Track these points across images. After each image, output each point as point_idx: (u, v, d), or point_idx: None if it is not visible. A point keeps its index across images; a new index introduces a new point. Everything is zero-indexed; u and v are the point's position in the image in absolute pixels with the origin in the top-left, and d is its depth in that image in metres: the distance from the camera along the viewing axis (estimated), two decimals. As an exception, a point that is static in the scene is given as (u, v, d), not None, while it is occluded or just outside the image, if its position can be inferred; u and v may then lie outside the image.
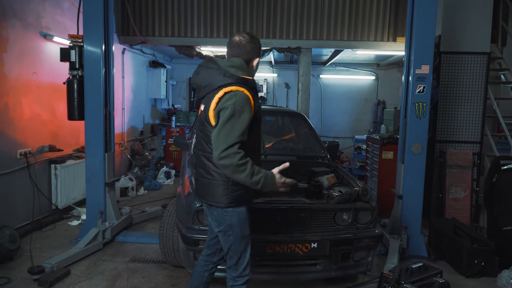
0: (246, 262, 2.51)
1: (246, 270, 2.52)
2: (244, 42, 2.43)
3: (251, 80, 2.41)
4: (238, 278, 2.52)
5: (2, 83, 4.36)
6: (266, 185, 2.28)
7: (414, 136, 4.31)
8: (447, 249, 4.30)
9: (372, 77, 10.24)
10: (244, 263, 2.51)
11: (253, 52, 2.47)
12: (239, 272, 2.51)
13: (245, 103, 2.26)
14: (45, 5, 5.09)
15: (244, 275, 2.52)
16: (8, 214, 4.45)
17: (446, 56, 5.40)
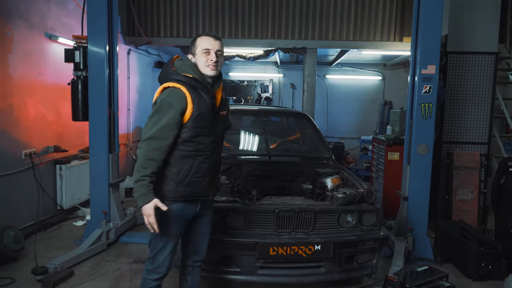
0: (162, 260, 2.51)
1: (162, 268, 2.52)
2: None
3: (192, 78, 2.38)
4: (151, 272, 2.54)
5: (7, 83, 4.38)
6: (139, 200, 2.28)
7: (420, 137, 4.26)
8: (453, 252, 4.24)
9: (378, 77, 10.16)
10: (160, 260, 2.51)
11: (191, 50, 2.47)
12: (154, 267, 2.53)
13: (175, 100, 2.31)
14: (50, 6, 5.10)
15: (159, 272, 2.53)
16: (13, 215, 4.47)
17: (453, 56, 5.33)
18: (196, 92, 2.38)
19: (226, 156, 4.22)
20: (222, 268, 3.20)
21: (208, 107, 2.40)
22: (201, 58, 2.40)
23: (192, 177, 2.40)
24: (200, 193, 2.47)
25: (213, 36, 2.43)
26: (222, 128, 2.60)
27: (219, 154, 2.64)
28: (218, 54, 2.40)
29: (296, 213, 3.18)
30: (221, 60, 2.45)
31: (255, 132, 4.73)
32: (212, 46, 2.39)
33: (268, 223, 3.18)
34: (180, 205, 2.43)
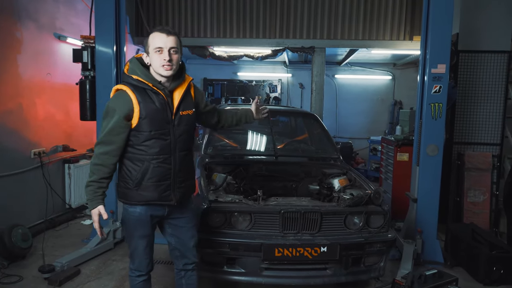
0: (139, 259, 2.51)
1: (142, 266, 2.53)
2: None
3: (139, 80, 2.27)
4: (134, 270, 2.55)
5: (16, 84, 4.42)
6: (89, 204, 2.31)
7: (430, 137, 4.19)
8: (464, 255, 4.16)
9: (388, 77, 10.06)
10: (137, 259, 2.51)
11: (145, 49, 2.33)
12: (135, 266, 2.54)
13: (118, 105, 2.24)
14: (59, 6, 5.14)
15: (140, 269, 2.53)
16: (22, 213, 4.51)
17: (464, 55, 5.24)
18: (144, 94, 2.27)
19: (232, 156, 4.22)
20: (227, 269, 3.17)
21: (157, 109, 2.28)
22: (154, 57, 2.25)
23: (147, 182, 2.32)
24: (159, 198, 2.36)
25: (166, 32, 2.25)
26: (186, 129, 2.42)
27: (185, 157, 2.45)
28: (172, 52, 2.24)
29: (302, 214, 3.14)
30: (176, 58, 2.27)
31: (262, 132, 4.70)
32: (165, 44, 2.22)
33: (273, 224, 3.15)
34: (141, 208, 2.39)
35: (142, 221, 2.41)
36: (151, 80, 2.29)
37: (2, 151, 4.22)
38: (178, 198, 2.41)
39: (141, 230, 2.44)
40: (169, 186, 2.37)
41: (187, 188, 2.51)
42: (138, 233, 2.44)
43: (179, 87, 2.39)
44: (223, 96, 10.12)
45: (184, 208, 2.56)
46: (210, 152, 4.14)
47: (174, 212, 2.51)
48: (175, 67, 2.29)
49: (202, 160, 3.92)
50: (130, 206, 2.41)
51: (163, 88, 2.30)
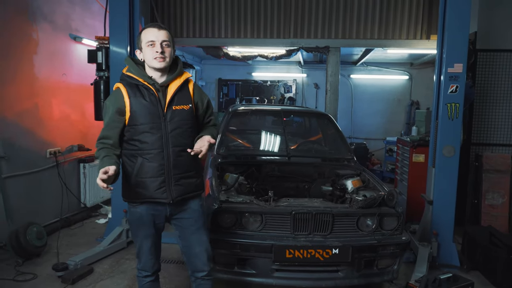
0: (144, 259, 2.50)
1: (147, 266, 2.51)
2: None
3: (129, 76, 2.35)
4: (140, 270, 2.54)
5: (32, 84, 4.49)
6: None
7: (446, 138, 4.10)
8: (481, 259, 4.06)
9: (405, 76, 9.92)
10: (142, 259, 2.51)
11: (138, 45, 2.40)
12: (141, 266, 2.53)
13: (112, 101, 2.34)
14: (75, 8, 5.20)
15: (145, 269, 2.52)
16: (37, 212, 4.58)
17: (482, 54, 5.13)
18: (136, 90, 2.33)
19: (245, 156, 4.21)
20: (237, 269, 3.16)
21: (147, 103, 2.30)
22: (147, 51, 2.31)
23: (138, 178, 2.33)
24: (152, 196, 2.35)
25: (157, 26, 2.32)
26: (181, 124, 2.38)
27: (180, 153, 2.38)
28: (164, 45, 2.29)
29: (313, 215, 3.10)
30: (169, 51, 2.32)
31: (276, 132, 4.68)
32: (157, 37, 2.28)
33: (284, 225, 3.12)
34: (142, 208, 2.40)
35: (143, 221, 2.42)
36: (142, 76, 2.34)
37: (18, 151, 4.29)
38: (175, 196, 2.38)
39: (143, 230, 2.45)
40: (163, 182, 2.34)
41: (187, 186, 2.43)
42: (141, 233, 2.46)
43: (173, 82, 2.40)
44: (237, 96, 10.13)
45: (188, 208, 2.50)
46: (223, 152, 4.13)
47: (177, 212, 2.48)
48: (168, 59, 2.33)
49: (214, 160, 3.91)
50: (132, 206, 2.43)
51: (153, 83, 2.33)
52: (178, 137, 2.37)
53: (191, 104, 2.44)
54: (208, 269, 2.58)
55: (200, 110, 2.54)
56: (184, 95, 2.44)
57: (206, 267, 2.57)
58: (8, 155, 4.12)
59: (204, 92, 2.61)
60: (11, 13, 4.17)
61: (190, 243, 2.55)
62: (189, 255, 2.57)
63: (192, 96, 2.47)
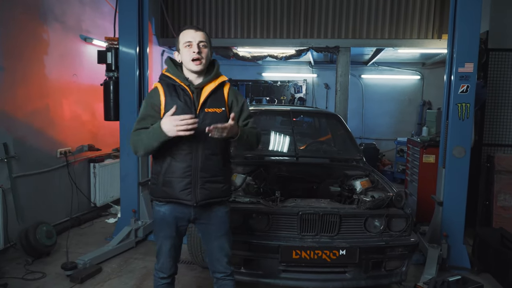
0: (163, 260, 2.50)
1: (164, 268, 2.50)
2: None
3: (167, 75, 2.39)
4: (157, 271, 2.54)
5: (43, 84, 4.54)
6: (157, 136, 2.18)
7: (456, 139, 4.04)
8: (492, 261, 4.00)
9: (417, 76, 9.82)
10: (161, 260, 2.51)
11: (176, 48, 2.42)
12: (158, 266, 2.53)
13: (148, 97, 2.42)
14: (85, 8, 5.25)
15: (162, 271, 2.51)
16: (48, 211, 4.62)
17: (494, 54, 5.04)
18: (172, 90, 2.35)
19: (253, 156, 4.20)
20: (244, 270, 3.15)
21: (181, 104, 2.30)
22: (184, 52, 2.32)
23: (165, 177, 2.34)
24: (177, 196, 2.34)
25: (194, 28, 2.35)
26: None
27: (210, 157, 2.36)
28: (201, 46, 2.31)
29: (320, 216, 3.09)
30: (205, 52, 2.33)
31: (285, 132, 4.67)
32: (193, 38, 2.30)
33: (291, 226, 3.11)
34: (166, 208, 2.41)
35: (166, 221, 2.43)
36: (178, 77, 2.36)
37: (29, 150, 4.34)
38: (200, 199, 2.35)
39: (165, 230, 2.45)
40: (189, 184, 2.33)
41: (213, 190, 2.38)
42: (163, 233, 2.46)
43: (209, 84, 2.39)
44: (247, 96, 10.13)
45: (212, 214, 2.46)
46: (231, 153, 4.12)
47: (201, 217, 2.45)
48: (204, 61, 2.34)
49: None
50: (157, 204, 2.45)
51: (189, 84, 2.35)
52: (209, 141, 2.30)
53: (224, 108, 2.41)
54: (229, 272, 2.57)
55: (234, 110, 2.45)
56: (218, 98, 2.42)
57: (227, 270, 2.57)
58: (19, 154, 4.17)
59: (241, 95, 2.58)
60: (22, 14, 4.22)
61: (211, 248, 2.54)
62: (211, 258, 2.57)
63: (226, 100, 2.45)
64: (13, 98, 4.12)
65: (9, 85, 4.06)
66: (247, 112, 2.53)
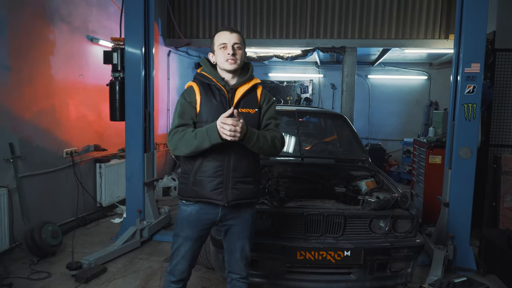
0: (176, 262, 2.47)
1: (176, 271, 2.47)
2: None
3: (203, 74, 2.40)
4: (169, 273, 2.51)
5: (49, 85, 4.57)
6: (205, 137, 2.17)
7: (463, 139, 4.01)
8: (498, 263, 3.96)
9: (424, 77, 9.76)
10: (174, 262, 2.48)
11: (211, 49, 2.44)
12: (170, 268, 2.50)
13: (184, 95, 2.40)
14: (92, 9, 5.28)
15: (173, 274, 2.48)
16: (54, 211, 4.65)
17: (501, 54, 5.00)
18: (208, 89, 2.37)
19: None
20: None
21: (216, 103, 2.33)
22: (219, 53, 2.35)
23: (196, 176, 2.34)
24: (207, 196, 2.33)
25: (229, 30, 2.36)
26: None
27: (242, 157, 2.35)
28: (235, 47, 2.33)
29: (325, 217, 3.07)
30: (240, 53, 2.35)
31: (290, 133, 4.65)
32: (229, 40, 2.32)
33: (296, 227, 3.10)
34: (192, 208, 2.41)
35: (190, 221, 2.42)
36: (214, 76, 2.38)
37: (35, 150, 4.37)
38: (231, 199, 2.33)
39: (187, 231, 2.43)
40: (220, 183, 2.32)
41: (243, 191, 2.37)
42: (184, 234, 2.44)
43: (243, 85, 2.42)
44: (253, 97, 10.10)
45: (239, 216, 2.45)
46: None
47: (227, 218, 2.44)
48: (239, 62, 2.36)
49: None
50: (183, 204, 2.44)
51: (224, 84, 2.37)
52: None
53: (257, 109, 2.43)
54: (244, 274, 2.56)
55: (263, 110, 2.48)
56: (251, 99, 2.44)
57: (243, 272, 2.56)
58: (25, 154, 4.20)
59: (273, 99, 2.58)
60: (29, 14, 4.25)
61: (232, 248, 2.53)
62: (229, 258, 2.56)
63: (259, 101, 2.47)
64: (19, 98, 4.15)
65: (16, 85, 4.09)
66: (271, 113, 2.51)
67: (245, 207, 2.45)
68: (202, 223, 2.43)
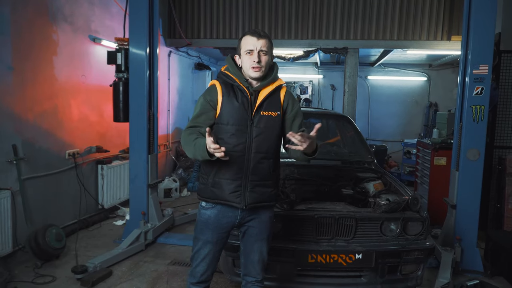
0: (196, 264, 2.45)
1: (196, 272, 2.44)
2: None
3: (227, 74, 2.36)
4: (190, 275, 2.49)
5: (52, 85, 4.50)
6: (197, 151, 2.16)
7: (471, 141, 3.99)
8: (506, 265, 3.95)
9: (423, 78, 9.77)
10: (194, 263, 2.45)
11: (238, 51, 2.39)
12: (191, 270, 2.48)
13: (206, 93, 2.37)
14: (94, 9, 5.22)
15: (194, 276, 2.46)
16: (56, 213, 4.59)
17: (506, 55, 5.00)
18: (230, 90, 2.33)
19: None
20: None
21: (238, 105, 2.29)
22: (245, 59, 2.30)
23: (215, 177, 2.32)
24: (225, 198, 2.31)
25: (256, 35, 2.28)
26: (265, 131, 2.32)
27: (261, 160, 2.32)
28: (261, 54, 2.27)
29: (336, 219, 3.05)
30: (265, 59, 2.29)
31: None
32: (255, 46, 2.26)
33: (307, 229, 3.07)
34: (211, 211, 2.38)
35: (209, 225, 2.39)
36: (238, 77, 2.34)
37: (37, 152, 4.30)
38: (249, 202, 2.32)
39: (206, 235, 2.41)
40: (239, 186, 2.30)
41: (261, 194, 2.35)
42: (204, 237, 2.42)
43: (266, 87, 2.37)
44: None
45: (257, 218, 2.43)
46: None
47: (247, 221, 2.42)
48: (263, 69, 2.31)
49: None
50: (202, 207, 2.42)
51: (248, 86, 2.33)
52: (261, 143, 2.31)
53: (279, 112, 2.38)
54: (259, 278, 2.53)
55: (288, 115, 2.43)
56: (274, 101, 2.39)
57: (259, 276, 2.53)
58: (28, 156, 4.13)
59: (296, 100, 2.54)
60: (32, 14, 4.19)
61: (249, 250, 2.50)
62: (246, 260, 2.53)
63: (282, 103, 2.42)
64: (22, 99, 4.08)
65: (18, 86, 4.02)
66: (300, 120, 2.47)
67: (264, 209, 2.43)
68: (222, 226, 2.40)
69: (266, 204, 2.41)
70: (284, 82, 2.48)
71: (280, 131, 2.40)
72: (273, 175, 2.40)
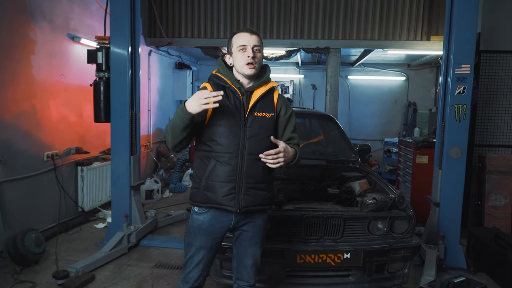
0: (189, 270, 2.39)
1: (189, 278, 2.39)
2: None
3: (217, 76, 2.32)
4: (182, 280, 2.43)
5: (30, 85, 4.36)
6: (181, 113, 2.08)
7: (453, 140, 4.05)
8: (488, 261, 4.03)
9: (402, 77, 9.92)
10: (187, 269, 2.40)
11: (228, 50, 2.37)
12: (183, 275, 2.42)
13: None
14: (73, 7, 5.08)
15: (186, 281, 2.40)
16: (34, 217, 4.44)
17: (486, 55, 5.11)
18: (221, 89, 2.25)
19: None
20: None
21: (231, 107, 2.25)
22: (238, 56, 2.27)
23: (208, 180, 2.26)
24: (219, 201, 2.25)
25: (249, 31, 2.28)
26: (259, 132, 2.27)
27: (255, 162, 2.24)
28: (255, 50, 2.25)
29: (324, 219, 3.04)
30: (259, 56, 2.28)
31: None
32: (249, 42, 2.24)
33: (295, 230, 3.05)
34: (204, 217, 2.32)
35: (203, 230, 2.33)
36: (230, 78, 2.30)
37: (15, 154, 4.16)
38: (243, 205, 2.26)
39: (199, 240, 2.34)
40: (233, 189, 2.24)
41: (256, 197, 2.30)
42: (197, 243, 2.35)
43: (259, 88, 2.33)
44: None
45: (251, 221, 2.38)
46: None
47: (240, 225, 2.37)
48: (257, 65, 2.28)
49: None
50: (195, 212, 2.36)
51: (239, 87, 2.29)
52: (255, 145, 2.25)
53: (273, 113, 2.35)
54: (252, 282, 2.49)
55: (281, 118, 2.40)
56: (268, 103, 2.36)
57: (251, 280, 2.48)
58: (5, 158, 3.99)
59: (290, 105, 2.50)
60: (10, 11, 4.04)
61: (242, 254, 2.45)
62: (238, 264, 2.47)
63: (275, 105, 2.38)
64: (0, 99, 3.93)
65: (-5, 86, 3.88)
66: (292, 125, 2.44)
67: (258, 213, 2.38)
68: (216, 231, 2.34)
69: (261, 208, 2.36)
70: (278, 84, 2.45)
71: (274, 133, 2.35)
72: (267, 178, 2.35)
